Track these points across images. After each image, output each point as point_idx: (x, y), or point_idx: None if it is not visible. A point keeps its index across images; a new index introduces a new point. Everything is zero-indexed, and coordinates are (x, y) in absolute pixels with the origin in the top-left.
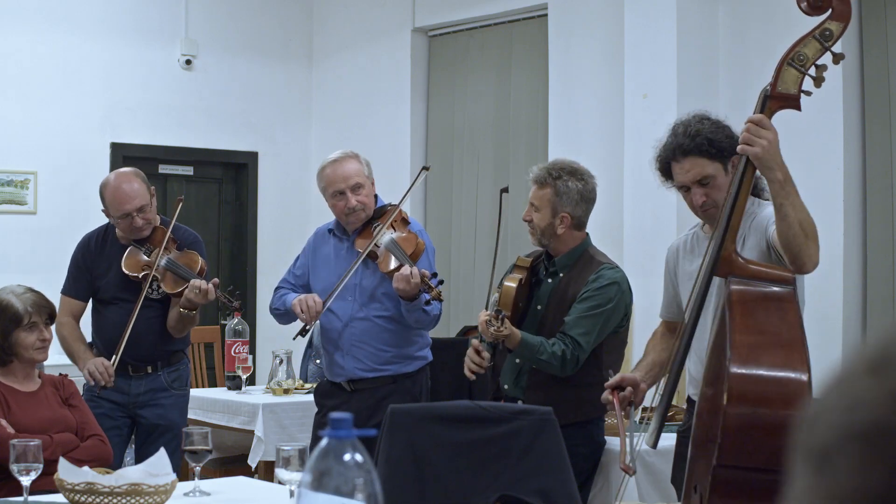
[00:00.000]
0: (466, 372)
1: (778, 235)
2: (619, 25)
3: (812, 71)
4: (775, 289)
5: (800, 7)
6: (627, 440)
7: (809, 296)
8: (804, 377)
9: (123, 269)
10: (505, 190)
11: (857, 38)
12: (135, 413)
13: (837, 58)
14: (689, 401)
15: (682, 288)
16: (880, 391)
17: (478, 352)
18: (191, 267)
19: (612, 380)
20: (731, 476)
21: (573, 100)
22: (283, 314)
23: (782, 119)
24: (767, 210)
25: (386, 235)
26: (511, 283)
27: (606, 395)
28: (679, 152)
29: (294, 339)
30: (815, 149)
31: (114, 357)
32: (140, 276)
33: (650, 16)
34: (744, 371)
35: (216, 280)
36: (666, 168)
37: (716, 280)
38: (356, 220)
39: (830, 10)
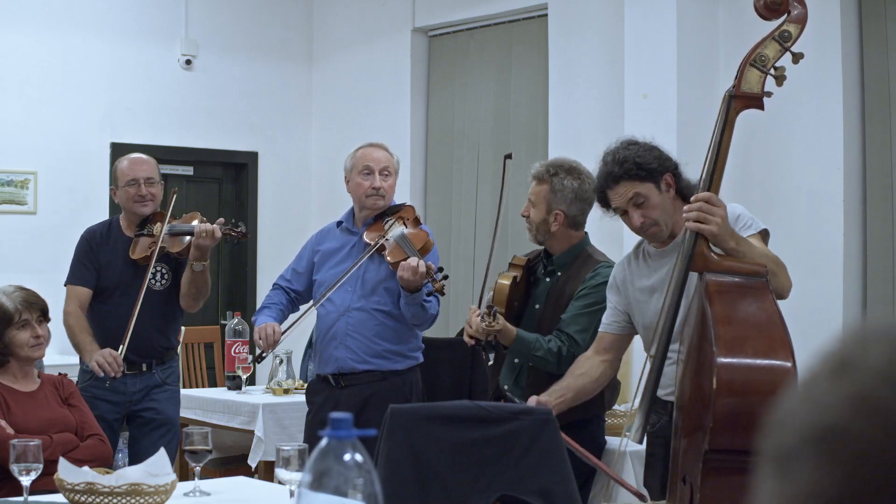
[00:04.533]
0: (465, 338)
1: None
2: (619, 25)
3: (773, 71)
4: (749, 280)
5: (757, 11)
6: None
7: (809, 296)
8: (788, 363)
9: (132, 257)
10: (509, 156)
11: (857, 38)
12: (130, 410)
13: (797, 57)
14: (659, 401)
15: (638, 303)
16: (838, 395)
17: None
18: (190, 222)
19: (530, 401)
20: (721, 460)
21: (573, 100)
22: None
23: (783, 119)
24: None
25: (397, 229)
26: (504, 281)
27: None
28: (610, 179)
29: (249, 364)
30: (815, 149)
31: (121, 347)
32: (148, 253)
33: (650, 16)
34: (730, 360)
35: (221, 220)
36: (604, 198)
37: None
38: (373, 205)
39: (787, 14)
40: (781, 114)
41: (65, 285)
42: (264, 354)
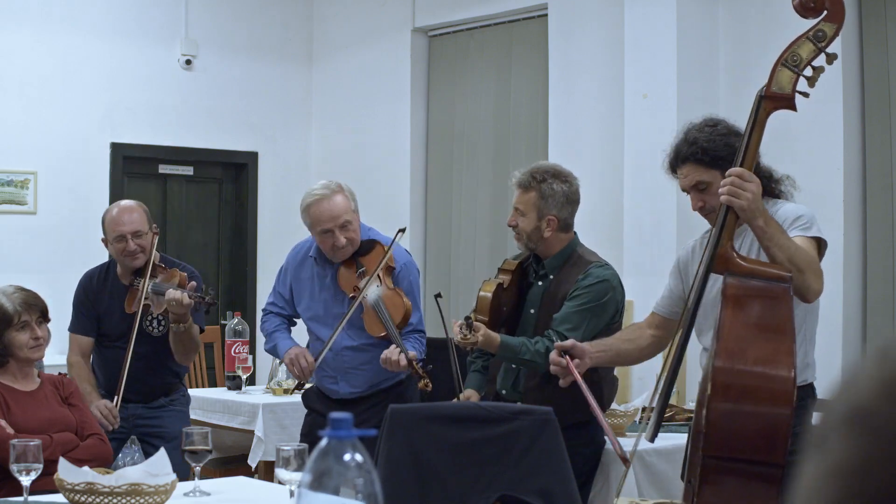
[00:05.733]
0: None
1: None
2: (619, 25)
3: (808, 71)
4: (771, 285)
5: (795, 9)
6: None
7: None
8: (789, 373)
9: (126, 311)
10: (438, 295)
11: (857, 38)
12: (133, 425)
13: (830, 58)
14: None
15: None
16: (872, 379)
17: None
18: (169, 282)
19: (566, 343)
20: (717, 466)
21: (573, 100)
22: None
23: (783, 119)
24: (783, 210)
25: (372, 290)
26: (486, 291)
27: (555, 356)
28: (679, 158)
29: (291, 393)
30: (815, 149)
31: (116, 398)
32: (139, 308)
33: (650, 16)
34: (728, 365)
35: (192, 284)
36: (674, 169)
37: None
38: (343, 255)
39: (825, 12)
40: (781, 114)
41: (68, 331)
42: (305, 384)
